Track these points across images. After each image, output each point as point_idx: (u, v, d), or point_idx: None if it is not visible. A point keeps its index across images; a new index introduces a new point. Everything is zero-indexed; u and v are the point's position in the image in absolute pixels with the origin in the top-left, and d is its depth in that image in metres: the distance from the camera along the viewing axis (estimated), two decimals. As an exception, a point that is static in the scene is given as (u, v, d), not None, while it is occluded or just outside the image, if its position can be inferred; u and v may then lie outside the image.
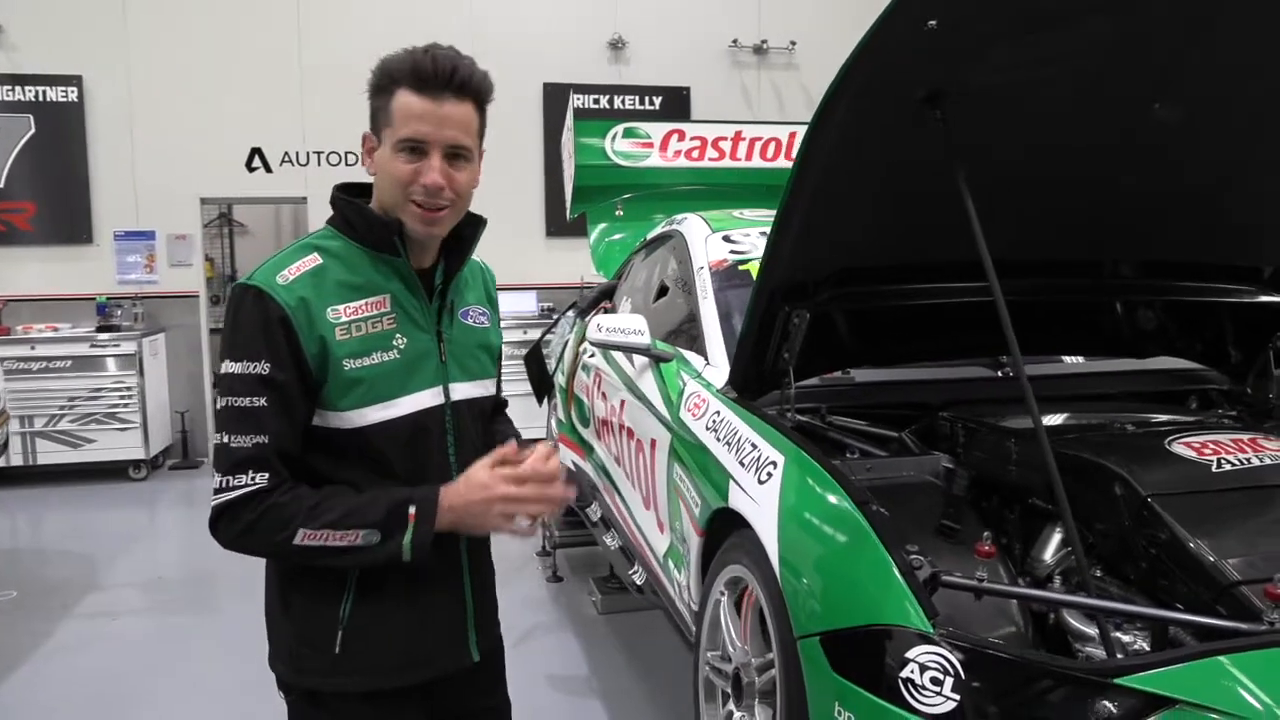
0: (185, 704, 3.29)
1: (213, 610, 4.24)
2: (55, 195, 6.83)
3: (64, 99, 6.78)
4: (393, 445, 1.38)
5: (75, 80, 6.78)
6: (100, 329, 6.66)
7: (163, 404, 6.91)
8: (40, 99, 6.75)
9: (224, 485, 1.31)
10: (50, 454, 6.39)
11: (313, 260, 1.37)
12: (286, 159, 7.17)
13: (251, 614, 1.36)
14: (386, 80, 1.36)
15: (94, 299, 6.81)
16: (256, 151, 7.12)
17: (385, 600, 1.40)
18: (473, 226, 1.48)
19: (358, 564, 1.36)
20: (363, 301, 1.37)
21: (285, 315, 1.31)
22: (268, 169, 7.16)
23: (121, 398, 6.46)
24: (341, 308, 1.35)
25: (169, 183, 6.95)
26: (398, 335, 1.39)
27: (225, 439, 1.32)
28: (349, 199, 1.43)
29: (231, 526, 1.32)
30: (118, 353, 6.48)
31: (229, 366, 1.33)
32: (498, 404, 1.64)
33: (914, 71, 1.89)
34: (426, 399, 1.42)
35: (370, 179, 1.45)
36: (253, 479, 1.30)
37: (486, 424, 1.57)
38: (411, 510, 1.33)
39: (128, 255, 6.94)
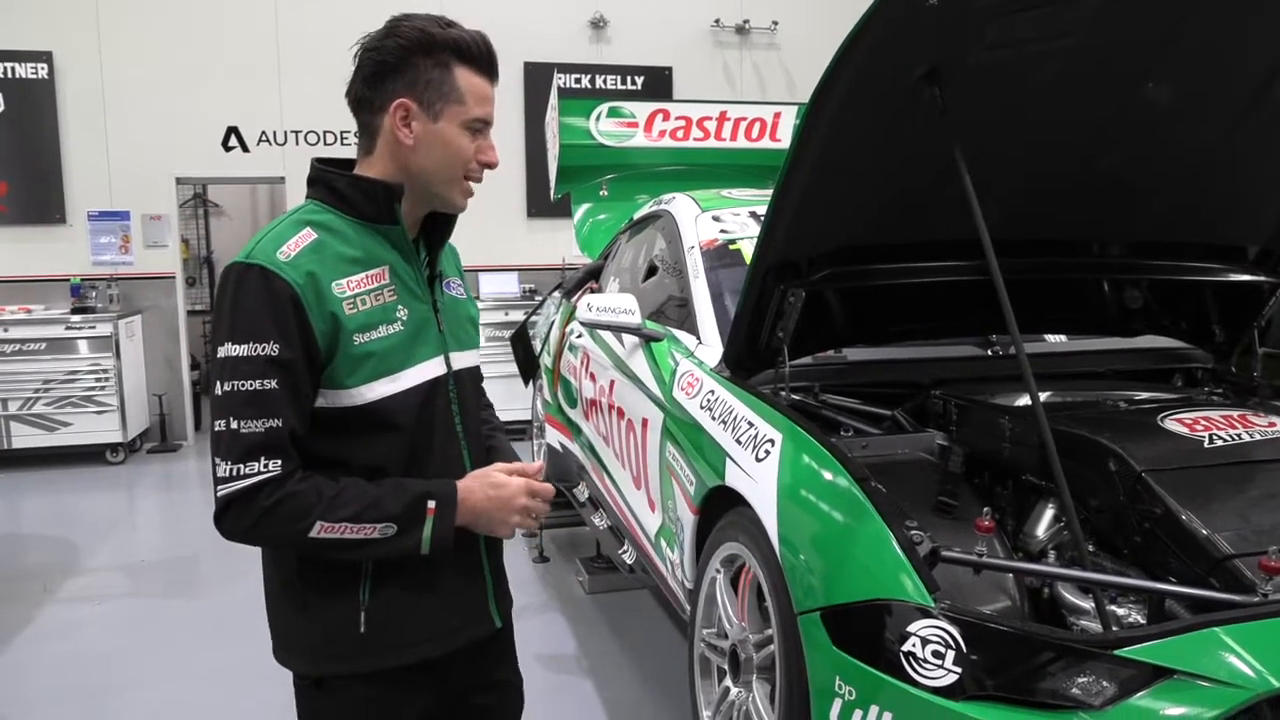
0: (172, 687, 3.26)
1: (196, 594, 4.21)
2: (26, 174, 6.71)
3: (34, 76, 6.63)
4: (402, 418, 1.36)
5: (45, 56, 6.64)
6: (75, 311, 6.55)
7: (140, 387, 6.82)
8: (9, 75, 6.60)
9: (234, 473, 1.25)
10: (25, 438, 6.30)
11: (309, 235, 1.32)
12: (264, 138, 7.07)
13: (235, 597, 1.34)
14: (432, 45, 1.33)
15: (68, 280, 6.70)
16: (233, 130, 7.01)
17: (404, 576, 1.39)
18: None
19: (372, 556, 1.33)
20: (364, 274, 1.34)
21: (295, 293, 1.27)
22: (245, 148, 7.05)
23: (98, 380, 6.37)
24: (344, 282, 1.32)
25: (143, 162, 6.83)
26: (400, 307, 1.37)
27: (233, 424, 1.25)
28: (339, 171, 1.39)
29: (243, 517, 1.26)
30: (93, 335, 6.39)
31: (232, 349, 1.26)
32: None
33: (913, 49, 1.88)
34: (431, 369, 1.40)
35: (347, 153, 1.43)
36: (265, 466, 1.25)
37: (480, 396, 1.57)
38: (431, 505, 1.32)
39: (102, 236, 6.83)
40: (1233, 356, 2.87)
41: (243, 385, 1.25)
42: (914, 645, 1.61)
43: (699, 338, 2.83)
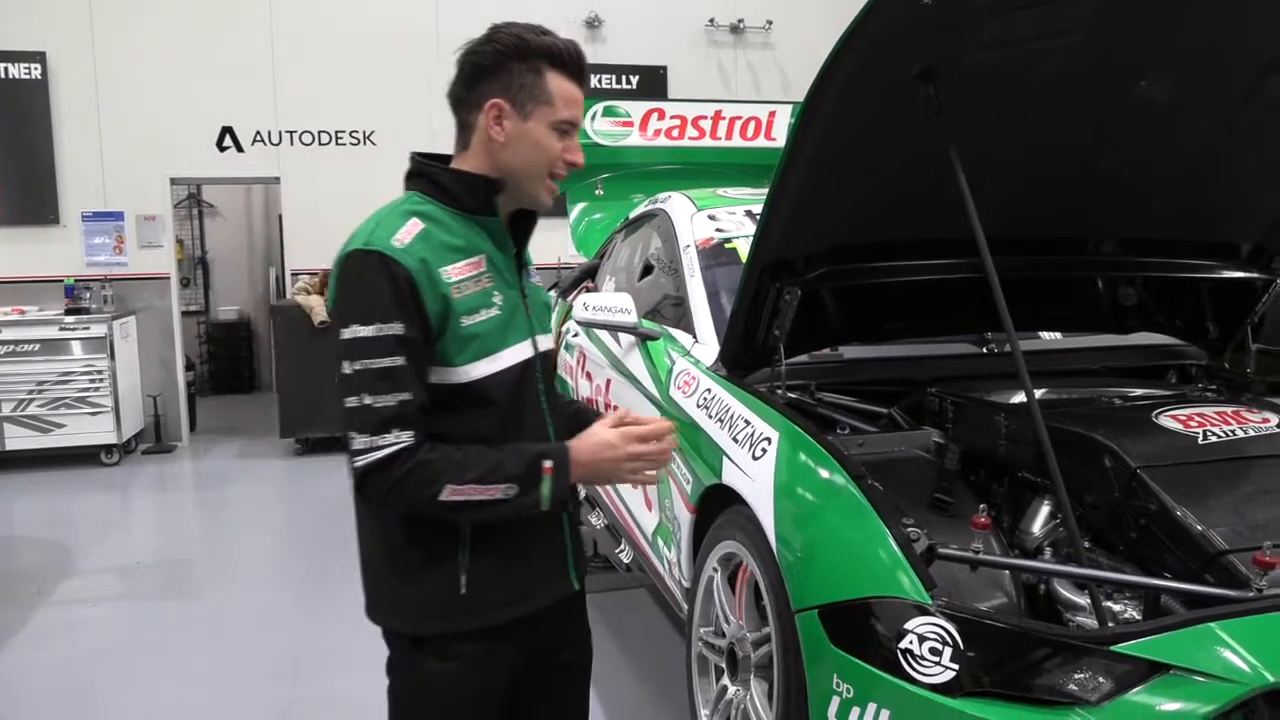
0: (166, 689, 3.26)
1: (191, 595, 4.20)
2: (20, 175, 6.68)
3: (27, 76, 6.61)
4: (498, 395, 1.46)
5: (39, 57, 6.62)
6: (69, 312, 6.53)
7: (134, 388, 6.81)
8: (2, 76, 6.58)
9: (370, 445, 1.35)
10: (19, 439, 6.28)
11: (417, 225, 1.41)
12: (259, 138, 7.06)
13: (229, 599, 1.35)
14: (527, 51, 1.43)
15: (62, 281, 6.68)
16: (228, 130, 7.00)
17: (499, 540, 1.48)
18: None
19: (496, 516, 1.42)
20: (465, 262, 1.44)
21: (411, 277, 1.36)
22: (239, 148, 7.04)
23: (92, 382, 6.36)
24: (449, 268, 1.41)
25: (138, 162, 6.82)
26: (495, 293, 1.46)
27: (366, 400, 1.35)
28: (440, 166, 1.50)
29: (380, 484, 1.36)
30: (87, 336, 6.37)
31: (360, 330, 1.35)
32: None
33: (909, 47, 1.89)
34: (522, 351, 1.50)
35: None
36: (398, 437, 1.35)
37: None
38: (547, 464, 1.41)
39: (96, 237, 6.81)
40: (1226, 353, 2.88)
41: (373, 363, 1.35)
42: (911, 642, 1.61)
43: (695, 336, 2.84)
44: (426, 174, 1.49)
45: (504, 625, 1.50)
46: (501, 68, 1.43)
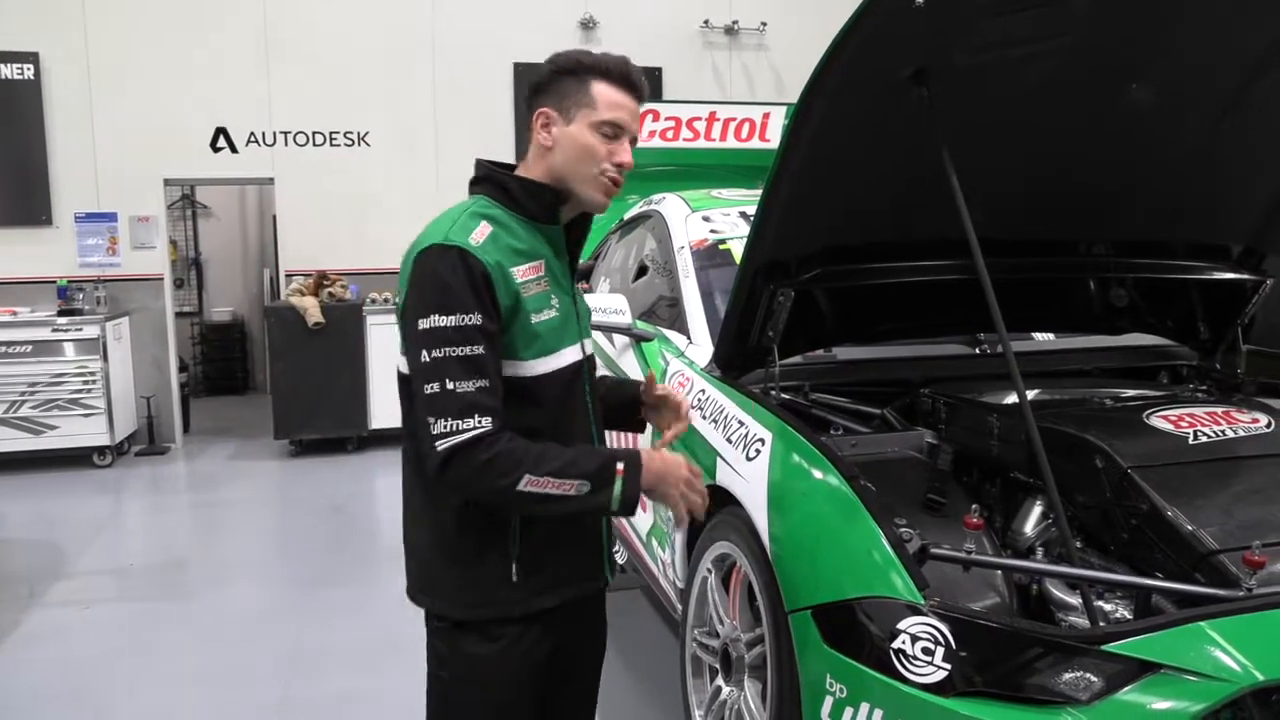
0: (160, 691, 3.25)
1: (185, 597, 4.19)
2: (12, 176, 6.65)
3: (19, 76, 6.59)
4: (554, 391, 1.54)
5: (32, 57, 6.59)
6: (61, 313, 6.50)
7: (127, 389, 6.78)
8: (-6, 77, 6.57)
9: (453, 429, 1.39)
10: (11, 441, 6.25)
11: (487, 227, 1.49)
12: (252, 139, 7.04)
13: (223, 600, 1.36)
14: (576, 66, 1.54)
15: (54, 282, 6.66)
16: (221, 131, 6.98)
17: (547, 532, 1.56)
18: None
19: (565, 511, 1.49)
20: (529, 265, 1.52)
21: (487, 272, 1.44)
22: (233, 149, 7.01)
23: (85, 383, 6.33)
24: (515, 270, 1.49)
25: (131, 163, 6.79)
26: (553, 296, 1.55)
27: (449, 385, 1.40)
28: (507, 173, 1.57)
29: (464, 468, 1.40)
30: (80, 337, 6.34)
31: (441, 320, 1.42)
32: None
33: (901, 49, 1.90)
34: (574, 353, 1.59)
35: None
36: (479, 422, 1.40)
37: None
38: (619, 466, 1.47)
39: (89, 238, 6.79)
40: (1217, 354, 2.89)
41: (454, 351, 1.41)
42: (904, 642, 1.62)
43: (689, 337, 2.84)
44: (495, 179, 1.57)
45: (544, 611, 1.58)
46: (553, 82, 1.54)
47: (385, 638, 3.57)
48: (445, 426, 1.40)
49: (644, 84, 1.57)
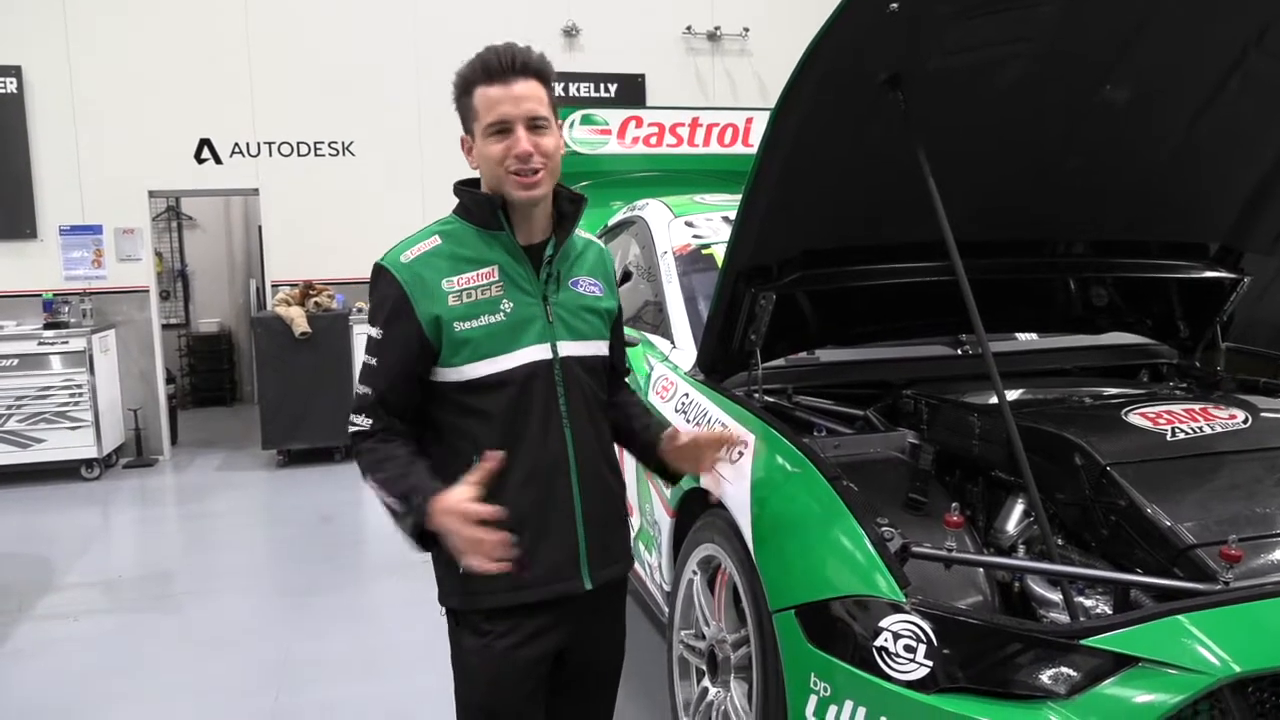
0: (148, 704, 3.24)
1: (174, 609, 4.18)
2: (-5, 189, 6.64)
3: (2, 90, 6.58)
4: (502, 395, 1.61)
5: (14, 71, 6.58)
6: (47, 326, 6.49)
7: (114, 402, 6.76)
8: (-23, 90, 6.55)
9: (350, 422, 1.64)
10: (-3, 455, 6.23)
11: (432, 241, 1.63)
12: (237, 150, 7.03)
13: (211, 612, 1.38)
14: (464, 84, 1.62)
15: (40, 295, 6.64)
16: (205, 143, 6.97)
17: (505, 529, 1.51)
18: (573, 204, 1.70)
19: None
20: (474, 272, 1.61)
21: (401, 289, 1.58)
22: (217, 160, 7.01)
23: (71, 396, 6.31)
24: (455, 278, 1.60)
25: (115, 175, 6.78)
26: (505, 300, 1.61)
27: (358, 386, 1.64)
28: (465, 188, 1.69)
29: (354, 454, 1.64)
30: (66, 350, 6.33)
31: (369, 330, 1.64)
32: (613, 366, 1.82)
33: (876, 54, 1.92)
34: (535, 353, 1.63)
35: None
36: (362, 421, 1.62)
37: (603, 377, 1.75)
38: (417, 500, 1.52)
39: (74, 250, 6.78)
40: (1197, 352, 2.92)
41: (367, 358, 1.63)
42: (886, 640, 1.63)
43: (673, 342, 2.86)
44: (457, 196, 1.70)
45: (523, 608, 1.63)
46: (460, 109, 1.64)
47: (375, 647, 3.56)
48: (351, 418, 1.64)
49: (520, 57, 1.59)
